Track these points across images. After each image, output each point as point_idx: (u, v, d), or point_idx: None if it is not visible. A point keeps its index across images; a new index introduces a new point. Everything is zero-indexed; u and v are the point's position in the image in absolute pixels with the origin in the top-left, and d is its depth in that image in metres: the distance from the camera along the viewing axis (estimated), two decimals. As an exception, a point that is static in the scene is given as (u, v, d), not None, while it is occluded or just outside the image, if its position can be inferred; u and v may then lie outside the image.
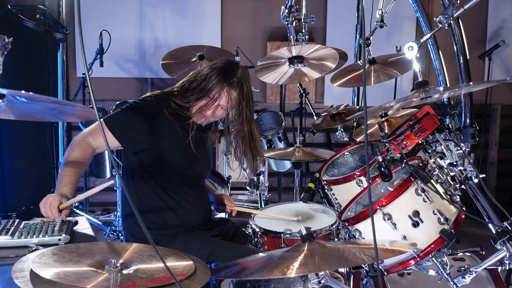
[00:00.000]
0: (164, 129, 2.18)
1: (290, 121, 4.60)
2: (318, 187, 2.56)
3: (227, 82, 2.16)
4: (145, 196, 2.20)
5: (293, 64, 2.77)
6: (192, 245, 2.17)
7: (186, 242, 2.18)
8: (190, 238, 2.20)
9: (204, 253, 2.14)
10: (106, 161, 4.20)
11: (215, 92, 2.16)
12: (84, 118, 2.11)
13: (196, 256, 2.11)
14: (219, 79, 2.16)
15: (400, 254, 1.80)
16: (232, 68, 2.20)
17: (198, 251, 2.13)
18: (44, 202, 1.90)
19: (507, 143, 5.33)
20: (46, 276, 1.26)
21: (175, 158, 2.21)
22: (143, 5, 5.01)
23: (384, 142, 2.20)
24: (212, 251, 2.16)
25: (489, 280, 2.16)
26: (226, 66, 2.21)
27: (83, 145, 2.07)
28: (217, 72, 2.18)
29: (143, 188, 2.20)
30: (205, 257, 2.14)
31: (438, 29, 2.20)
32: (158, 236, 2.18)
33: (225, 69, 2.19)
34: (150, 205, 2.20)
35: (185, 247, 2.15)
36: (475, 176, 1.99)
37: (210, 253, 2.16)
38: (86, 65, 1.22)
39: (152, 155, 2.18)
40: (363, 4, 1.68)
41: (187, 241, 2.19)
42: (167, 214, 2.21)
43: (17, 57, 4.27)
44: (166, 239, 2.19)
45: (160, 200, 2.20)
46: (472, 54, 4.22)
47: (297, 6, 3.15)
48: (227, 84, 2.16)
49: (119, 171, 3.71)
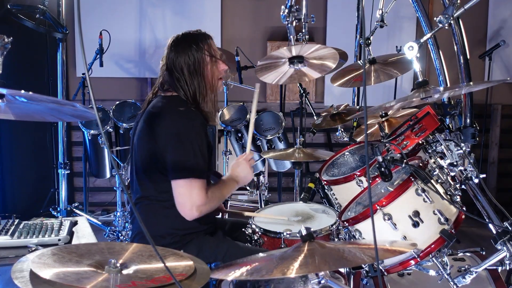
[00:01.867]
0: (207, 140, 2.20)
1: (290, 121, 4.60)
2: (318, 187, 2.56)
3: (199, 46, 2.19)
4: (166, 200, 2.14)
5: (293, 64, 2.76)
6: (208, 246, 2.16)
7: (202, 244, 2.17)
8: (204, 239, 2.19)
9: (220, 252, 2.15)
10: (106, 161, 4.20)
11: (204, 61, 2.19)
12: (84, 118, 2.11)
13: (212, 256, 2.12)
14: (195, 49, 2.18)
15: (400, 254, 1.80)
16: (189, 37, 2.23)
17: (214, 251, 2.14)
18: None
19: (507, 143, 5.33)
20: (46, 276, 1.26)
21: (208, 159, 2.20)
22: (143, 5, 5.01)
23: (384, 142, 2.19)
24: (227, 250, 2.16)
25: (489, 281, 2.16)
26: (183, 40, 2.23)
27: None
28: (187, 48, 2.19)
29: (167, 188, 2.14)
30: (221, 256, 2.14)
31: (438, 29, 2.19)
32: (179, 238, 2.15)
33: (187, 41, 2.21)
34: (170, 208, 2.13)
35: (200, 249, 2.14)
36: (475, 176, 1.99)
37: (226, 252, 2.16)
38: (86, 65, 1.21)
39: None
40: (363, 4, 1.68)
41: (202, 242, 2.18)
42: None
43: (17, 57, 4.28)
44: (183, 242, 2.15)
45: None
46: (473, 54, 4.22)
47: (297, 6, 3.14)
48: (202, 46, 2.19)
49: (119, 171, 3.72)
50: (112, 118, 3.90)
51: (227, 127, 3.61)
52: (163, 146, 2.09)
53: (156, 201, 2.16)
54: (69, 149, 4.91)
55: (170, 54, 2.21)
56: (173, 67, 2.20)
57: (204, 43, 2.21)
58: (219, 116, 3.63)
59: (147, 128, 2.16)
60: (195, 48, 2.19)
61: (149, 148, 2.15)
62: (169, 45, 2.24)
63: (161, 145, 2.10)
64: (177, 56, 2.19)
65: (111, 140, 4.12)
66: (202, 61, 2.19)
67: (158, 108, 2.17)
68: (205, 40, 2.22)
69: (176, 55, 2.19)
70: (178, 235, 2.14)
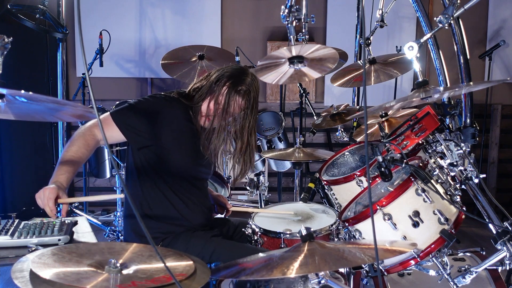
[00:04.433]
0: (170, 127, 2.18)
1: (290, 121, 4.60)
2: (318, 187, 2.56)
3: (235, 90, 2.16)
4: (150, 193, 2.20)
5: (293, 64, 2.76)
6: (195, 244, 2.18)
7: (189, 242, 2.19)
8: (192, 237, 2.20)
9: (207, 253, 2.15)
10: (106, 161, 4.20)
11: (222, 98, 2.16)
12: (84, 118, 2.10)
13: (198, 255, 2.12)
14: (228, 85, 2.16)
15: (400, 254, 1.80)
16: (241, 75, 2.20)
17: (201, 251, 2.14)
18: (40, 194, 1.84)
19: (507, 143, 5.33)
20: (46, 276, 1.26)
21: (179, 157, 2.21)
22: (143, 5, 5.01)
23: (384, 142, 2.19)
24: (214, 251, 2.16)
25: (489, 281, 2.16)
26: (235, 73, 2.21)
27: (87, 136, 2.06)
28: (227, 78, 2.18)
29: (148, 184, 2.20)
30: (208, 256, 2.14)
31: (438, 29, 2.19)
32: (161, 234, 2.19)
33: (235, 76, 2.19)
34: (154, 202, 2.20)
35: (187, 246, 2.16)
36: (475, 176, 1.99)
37: (212, 252, 2.16)
38: (86, 65, 1.22)
39: (157, 152, 2.18)
40: (363, 4, 1.68)
41: (189, 240, 2.19)
42: (171, 212, 2.20)
43: (17, 57, 4.28)
44: (169, 238, 2.19)
45: (165, 198, 2.20)
46: (473, 54, 4.23)
47: (297, 6, 3.14)
48: (235, 91, 2.16)
49: (119, 171, 3.72)
50: (112, 118, 3.89)
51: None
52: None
53: (137, 198, 2.20)
54: (69, 149, 4.90)
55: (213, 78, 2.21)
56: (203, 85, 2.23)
57: (237, 95, 2.18)
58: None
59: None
60: (230, 86, 2.17)
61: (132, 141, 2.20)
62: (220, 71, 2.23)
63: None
64: (218, 74, 2.20)
65: (111, 140, 4.11)
66: (219, 96, 2.18)
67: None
68: (240, 94, 2.18)
69: (218, 74, 2.20)
70: (159, 231, 2.19)
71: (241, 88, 2.17)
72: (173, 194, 2.21)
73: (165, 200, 2.20)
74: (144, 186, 2.21)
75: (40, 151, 4.81)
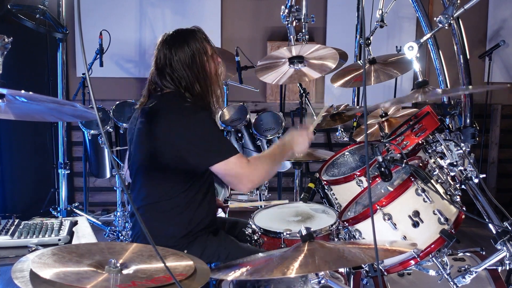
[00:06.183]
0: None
1: (290, 121, 4.60)
2: (318, 187, 2.56)
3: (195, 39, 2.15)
4: (194, 202, 2.13)
5: (293, 64, 2.76)
6: (211, 246, 2.15)
7: (205, 243, 2.15)
8: (208, 239, 2.17)
9: (224, 252, 2.15)
10: (106, 161, 4.20)
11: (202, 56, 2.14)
12: (84, 118, 2.10)
13: (215, 256, 2.11)
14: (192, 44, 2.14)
15: (400, 254, 1.80)
16: (182, 32, 2.19)
17: (217, 250, 2.14)
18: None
19: (507, 143, 5.33)
20: (46, 276, 1.26)
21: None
22: (143, 5, 5.01)
23: (384, 142, 2.19)
24: (230, 250, 2.15)
25: (489, 280, 2.16)
26: (177, 35, 2.18)
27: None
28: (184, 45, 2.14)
29: (195, 193, 2.13)
30: (224, 256, 2.14)
31: (438, 29, 2.19)
32: (185, 240, 2.13)
33: (180, 37, 2.17)
34: (192, 208, 2.13)
35: (204, 249, 2.13)
36: (475, 176, 1.99)
37: (229, 252, 2.15)
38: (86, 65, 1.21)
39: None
40: (363, 4, 1.68)
41: (205, 242, 2.16)
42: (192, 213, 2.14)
43: (17, 57, 4.28)
44: (186, 242, 2.13)
45: (202, 202, 2.16)
46: (473, 54, 4.22)
47: (297, 6, 3.14)
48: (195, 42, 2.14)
49: (119, 171, 3.72)
50: (112, 118, 3.90)
51: (227, 127, 3.60)
52: (185, 148, 2.04)
53: (159, 203, 2.12)
54: (69, 149, 4.91)
55: (165, 52, 2.14)
56: (169, 64, 2.13)
57: (199, 36, 2.16)
58: (219, 116, 3.63)
59: (151, 131, 2.10)
60: (191, 42, 2.13)
61: (153, 148, 2.10)
62: (161, 43, 2.17)
63: (181, 147, 2.04)
64: (173, 52, 2.13)
65: (111, 140, 4.11)
66: (202, 54, 2.14)
67: (161, 109, 2.10)
68: (199, 33, 2.17)
69: (172, 52, 2.13)
70: (182, 236, 2.12)
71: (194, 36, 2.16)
72: (203, 197, 2.17)
73: (201, 205, 2.16)
74: (192, 196, 2.13)
75: (40, 151, 4.82)
